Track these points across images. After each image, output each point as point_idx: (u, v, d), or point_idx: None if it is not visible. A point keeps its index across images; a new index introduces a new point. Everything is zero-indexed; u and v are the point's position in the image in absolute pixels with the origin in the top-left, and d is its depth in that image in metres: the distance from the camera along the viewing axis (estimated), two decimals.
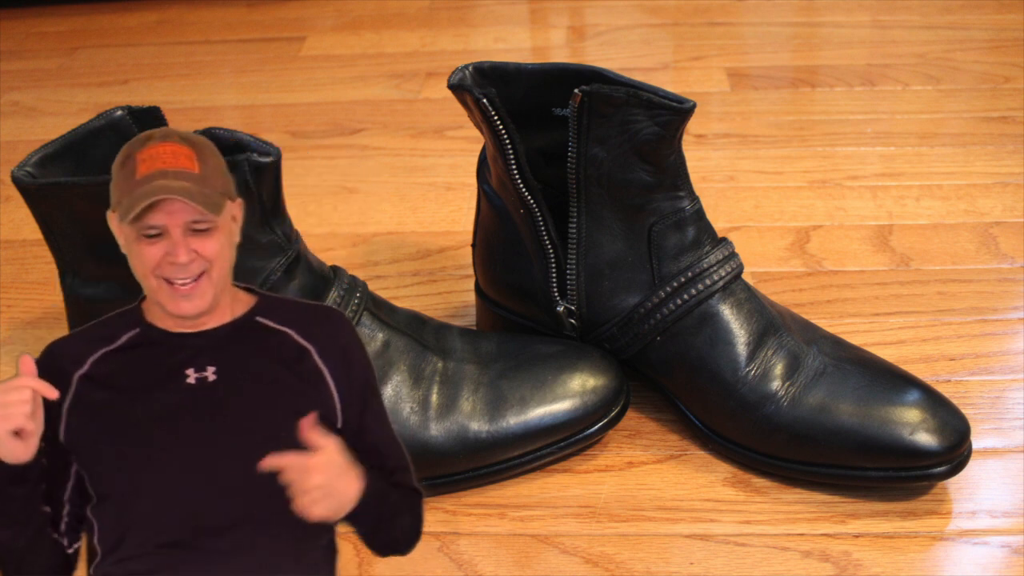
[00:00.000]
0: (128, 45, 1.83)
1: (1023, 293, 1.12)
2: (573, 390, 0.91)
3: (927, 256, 1.18)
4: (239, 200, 0.64)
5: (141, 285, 0.62)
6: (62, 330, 1.11)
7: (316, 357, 0.64)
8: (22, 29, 1.90)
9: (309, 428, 0.59)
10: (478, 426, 0.89)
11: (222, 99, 1.62)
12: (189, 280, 0.61)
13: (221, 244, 0.61)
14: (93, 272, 0.89)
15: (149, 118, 0.93)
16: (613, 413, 0.92)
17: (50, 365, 0.63)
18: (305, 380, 0.63)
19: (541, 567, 0.84)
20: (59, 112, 1.60)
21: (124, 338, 0.64)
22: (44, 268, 1.22)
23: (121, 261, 0.87)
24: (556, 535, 0.87)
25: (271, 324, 0.64)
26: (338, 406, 0.64)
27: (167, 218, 0.60)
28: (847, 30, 1.76)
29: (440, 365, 0.91)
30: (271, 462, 0.59)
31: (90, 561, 0.64)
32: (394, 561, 0.84)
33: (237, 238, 0.64)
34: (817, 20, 1.81)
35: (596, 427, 0.92)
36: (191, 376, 0.62)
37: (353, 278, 0.92)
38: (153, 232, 0.60)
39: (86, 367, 0.63)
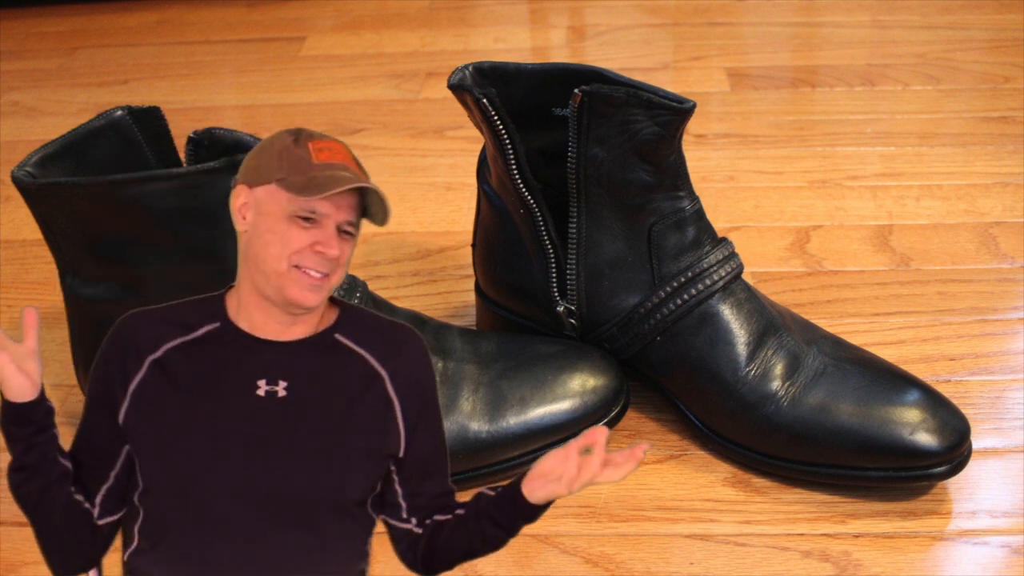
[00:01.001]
0: (128, 45, 1.83)
1: (1023, 293, 1.12)
2: (573, 390, 0.91)
3: (927, 256, 1.18)
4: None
5: (261, 269, 0.61)
6: (62, 330, 1.11)
7: (388, 385, 0.63)
8: (22, 29, 1.90)
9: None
10: (478, 426, 0.89)
11: (222, 99, 1.62)
12: (321, 274, 0.60)
13: (351, 253, 0.62)
14: (93, 272, 0.89)
15: (149, 118, 0.93)
16: (613, 413, 0.93)
17: (125, 338, 0.62)
18: (374, 406, 0.63)
19: (541, 567, 0.84)
20: (59, 112, 1.60)
21: (203, 330, 0.62)
22: (44, 268, 1.22)
23: (121, 261, 0.88)
24: (556, 535, 0.87)
25: (349, 344, 0.63)
26: (402, 436, 0.63)
27: (333, 210, 0.60)
28: (847, 30, 1.76)
29: (440, 365, 0.91)
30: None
31: (125, 547, 0.64)
32: (394, 561, 0.84)
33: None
34: (817, 20, 1.81)
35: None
36: (262, 388, 0.61)
37: (353, 278, 0.92)
38: (312, 217, 0.60)
39: (160, 352, 0.62)
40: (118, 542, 0.64)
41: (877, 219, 1.24)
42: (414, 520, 0.65)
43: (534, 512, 0.62)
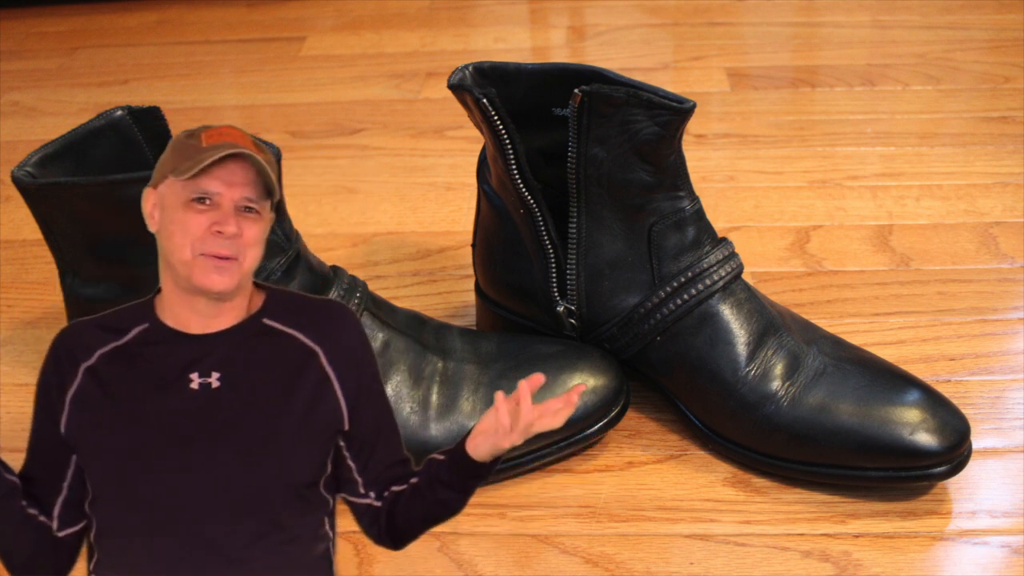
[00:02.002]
0: (128, 45, 1.83)
1: (1023, 293, 1.12)
2: None
3: (927, 256, 1.18)
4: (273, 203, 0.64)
5: (169, 262, 0.61)
6: None
7: (323, 360, 0.63)
8: (22, 29, 1.90)
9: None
10: None
11: (222, 99, 1.62)
12: (225, 257, 0.60)
13: (259, 234, 0.62)
14: (93, 272, 0.89)
15: (149, 118, 0.93)
16: (613, 413, 0.93)
17: (64, 347, 0.63)
18: (311, 385, 0.63)
19: (541, 567, 0.84)
20: (59, 112, 1.60)
21: (133, 333, 0.63)
22: (44, 268, 1.22)
23: (121, 261, 0.88)
24: (556, 535, 0.87)
25: (278, 326, 0.64)
26: (344, 409, 0.64)
27: (225, 188, 0.60)
28: (847, 30, 1.76)
29: (440, 365, 0.91)
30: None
31: (89, 558, 0.64)
32: (394, 561, 0.84)
33: (265, 240, 0.63)
34: (817, 20, 1.81)
35: (596, 427, 0.92)
36: (195, 381, 0.62)
37: (353, 278, 0.92)
38: (205, 198, 0.60)
39: (93, 359, 0.62)
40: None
41: (877, 219, 1.24)
42: (372, 494, 0.65)
43: (482, 470, 0.63)
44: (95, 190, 0.83)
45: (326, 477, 0.64)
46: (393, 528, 0.65)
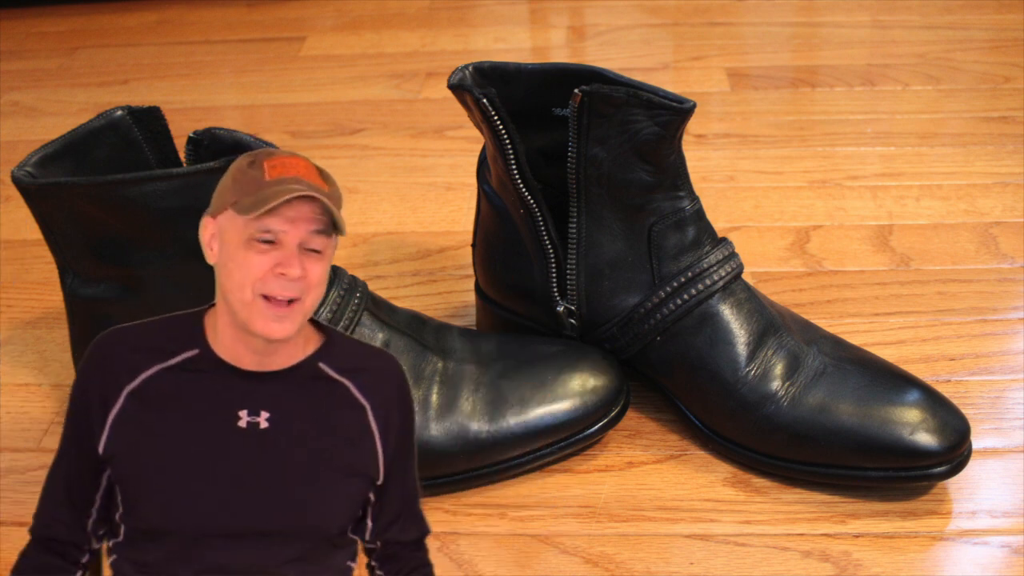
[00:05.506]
0: (128, 45, 1.83)
1: (1023, 293, 1.12)
2: (573, 390, 0.91)
3: (927, 256, 1.18)
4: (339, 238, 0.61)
5: (228, 300, 0.59)
6: (62, 330, 1.11)
7: (370, 416, 0.63)
8: (22, 29, 1.90)
9: None
10: (478, 426, 0.89)
11: (222, 99, 1.62)
12: (286, 301, 0.58)
13: (323, 274, 0.59)
14: (93, 272, 0.89)
15: (149, 118, 0.93)
16: (613, 413, 0.93)
17: (102, 365, 0.61)
18: (356, 437, 0.62)
19: (541, 567, 0.84)
20: (59, 112, 1.60)
21: (182, 356, 0.61)
22: (44, 268, 1.22)
23: (121, 261, 0.88)
24: (556, 535, 0.87)
25: (331, 374, 0.62)
26: (381, 465, 0.63)
27: (289, 226, 0.57)
28: (847, 30, 1.76)
29: (440, 365, 0.91)
30: None
31: (107, 554, 0.64)
32: None
33: (327, 278, 0.61)
34: (817, 20, 1.81)
35: (596, 427, 0.92)
36: (243, 419, 0.60)
37: (353, 278, 0.92)
38: (269, 238, 0.57)
39: (137, 382, 0.61)
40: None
41: (877, 219, 1.24)
42: (375, 545, 0.66)
43: None
44: (95, 190, 0.83)
45: (353, 522, 0.64)
46: None
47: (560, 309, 0.95)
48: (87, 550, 0.63)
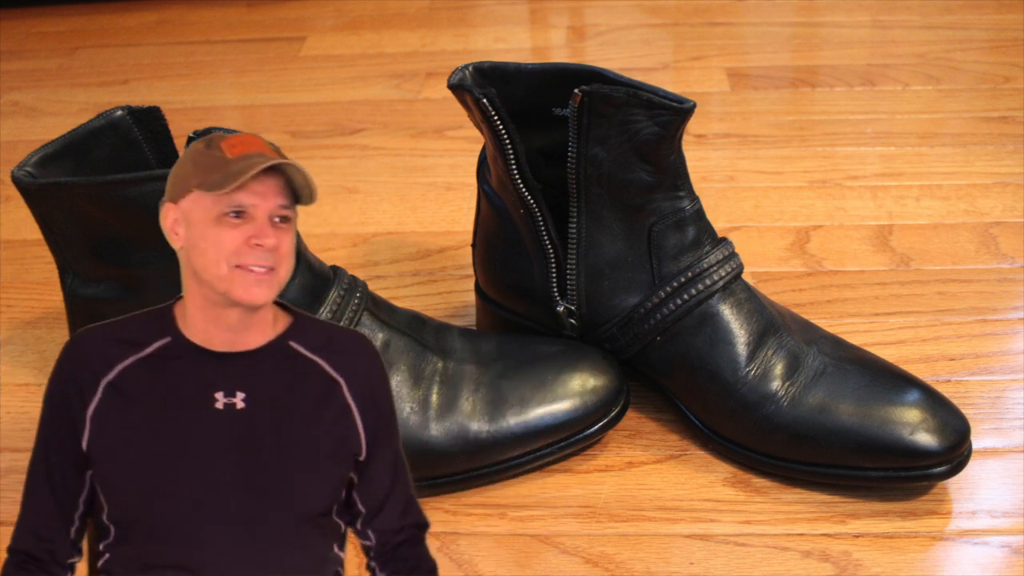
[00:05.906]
0: (128, 45, 1.83)
1: (1023, 293, 1.12)
2: (573, 390, 0.91)
3: (927, 256, 1.18)
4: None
5: (202, 278, 0.60)
6: (62, 330, 1.11)
7: (345, 391, 0.63)
8: (22, 29, 1.90)
9: None
10: (478, 426, 0.89)
11: (222, 99, 1.62)
12: (264, 269, 0.59)
13: (292, 244, 0.61)
14: (93, 272, 0.89)
15: (149, 118, 0.93)
16: (613, 413, 0.93)
17: (76, 360, 0.62)
18: (333, 413, 0.63)
19: (541, 567, 0.84)
20: (59, 112, 1.60)
21: (154, 346, 0.62)
22: (44, 268, 1.22)
23: (121, 261, 0.88)
24: (556, 535, 0.87)
25: (303, 351, 0.63)
26: (363, 439, 0.63)
27: (259, 199, 0.59)
28: (847, 30, 1.76)
29: (440, 365, 0.91)
30: None
31: (95, 558, 0.64)
32: None
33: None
34: (817, 20, 1.81)
35: (596, 427, 0.92)
36: (220, 401, 0.61)
37: (353, 278, 0.92)
38: (240, 211, 0.59)
39: (113, 374, 0.61)
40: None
41: (877, 219, 1.24)
42: (369, 540, 0.66)
43: None
44: (95, 190, 0.83)
45: (339, 504, 0.64)
46: None
47: (560, 309, 0.95)
48: (67, 565, 0.63)
